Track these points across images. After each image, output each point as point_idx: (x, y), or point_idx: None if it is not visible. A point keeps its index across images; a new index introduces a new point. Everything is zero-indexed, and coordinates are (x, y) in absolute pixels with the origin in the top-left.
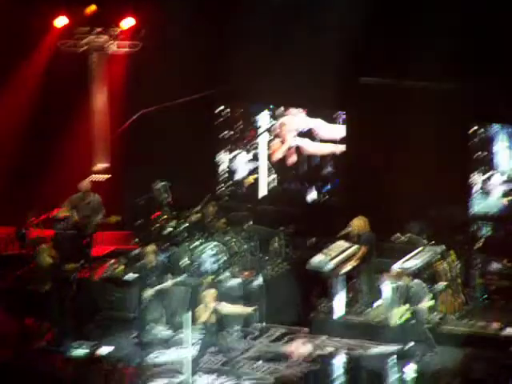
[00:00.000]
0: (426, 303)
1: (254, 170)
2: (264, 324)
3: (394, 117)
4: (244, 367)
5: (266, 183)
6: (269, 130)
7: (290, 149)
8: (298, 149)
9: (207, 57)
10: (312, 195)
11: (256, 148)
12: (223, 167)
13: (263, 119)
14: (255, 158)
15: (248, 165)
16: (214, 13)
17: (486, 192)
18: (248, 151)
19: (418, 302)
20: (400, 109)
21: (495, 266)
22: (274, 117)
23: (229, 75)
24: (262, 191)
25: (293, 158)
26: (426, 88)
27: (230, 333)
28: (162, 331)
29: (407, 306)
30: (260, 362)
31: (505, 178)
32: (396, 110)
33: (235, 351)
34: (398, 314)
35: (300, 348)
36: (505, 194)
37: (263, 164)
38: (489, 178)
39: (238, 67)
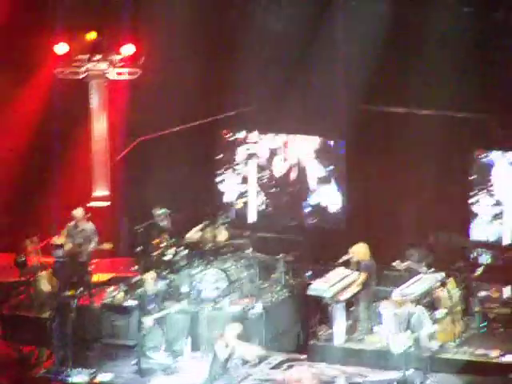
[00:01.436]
0: (428, 330)
1: (243, 194)
2: (264, 351)
3: (394, 144)
4: None
5: (255, 207)
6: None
7: (291, 167)
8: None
9: (207, 84)
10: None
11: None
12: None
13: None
14: (244, 181)
15: (238, 187)
16: (214, 40)
17: (486, 219)
18: (238, 174)
19: (420, 328)
20: (400, 135)
21: (494, 293)
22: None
23: (229, 103)
24: (252, 216)
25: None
26: (427, 115)
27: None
28: (161, 358)
29: (409, 332)
30: None
31: (505, 205)
32: (396, 137)
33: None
34: (400, 342)
35: (299, 375)
36: (504, 222)
37: (252, 188)
38: (489, 205)
39: (240, 96)
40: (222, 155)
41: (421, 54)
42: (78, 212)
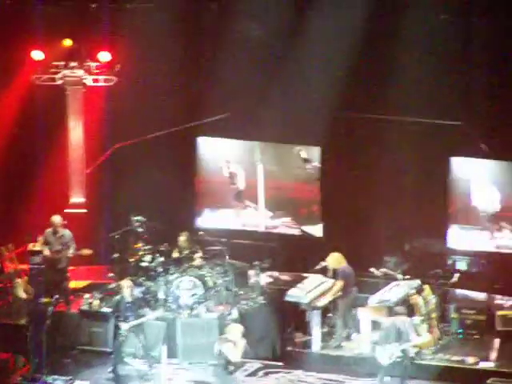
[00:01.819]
0: (416, 341)
1: None
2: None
3: (370, 150)
4: None
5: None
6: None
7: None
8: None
9: (183, 90)
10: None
11: None
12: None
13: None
14: None
15: None
16: (190, 47)
17: (463, 227)
18: None
19: (407, 339)
20: (377, 142)
21: (470, 300)
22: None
23: (206, 110)
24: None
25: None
26: (405, 122)
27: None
28: (138, 365)
29: (397, 344)
30: None
31: (483, 213)
32: (372, 144)
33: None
34: (389, 353)
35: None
36: (481, 230)
37: None
38: (466, 213)
39: (216, 102)
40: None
41: (398, 61)
42: (57, 218)
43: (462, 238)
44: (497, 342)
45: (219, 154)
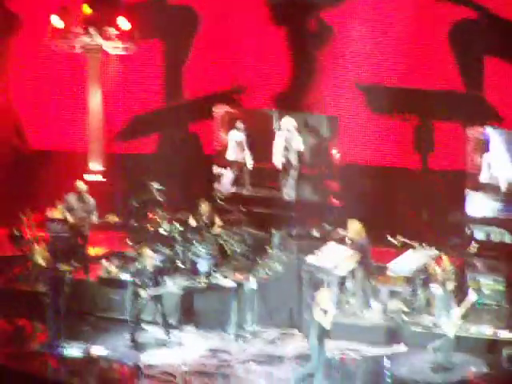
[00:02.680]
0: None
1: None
2: (257, 326)
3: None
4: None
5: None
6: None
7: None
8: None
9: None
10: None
11: None
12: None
13: None
14: None
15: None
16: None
17: (481, 195)
18: None
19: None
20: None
21: (489, 270)
22: None
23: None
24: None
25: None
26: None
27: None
28: (156, 332)
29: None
30: (253, 364)
31: (501, 181)
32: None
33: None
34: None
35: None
36: (500, 198)
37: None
38: (485, 181)
39: None
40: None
41: None
42: (82, 185)
43: (481, 206)
44: None
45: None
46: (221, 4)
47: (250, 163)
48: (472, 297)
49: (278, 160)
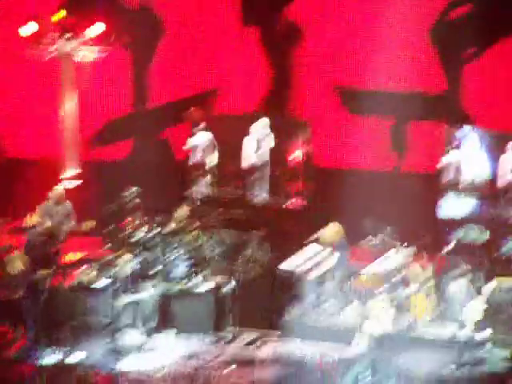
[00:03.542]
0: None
1: None
2: (237, 328)
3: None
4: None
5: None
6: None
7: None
8: None
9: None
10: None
11: None
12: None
13: None
14: None
15: None
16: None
17: (457, 194)
18: None
19: None
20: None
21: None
22: None
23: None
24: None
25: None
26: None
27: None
28: (134, 337)
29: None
30: (233, 366)
31: (476, 179)
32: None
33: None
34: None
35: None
36: (475, 196)
37: None
38: (459, 180)
39: None
40: None
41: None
42: (60, 190)
43: (456, 206)
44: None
45: None
46: (187, 8)
47: (214, 163)
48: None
49: (248, 163)
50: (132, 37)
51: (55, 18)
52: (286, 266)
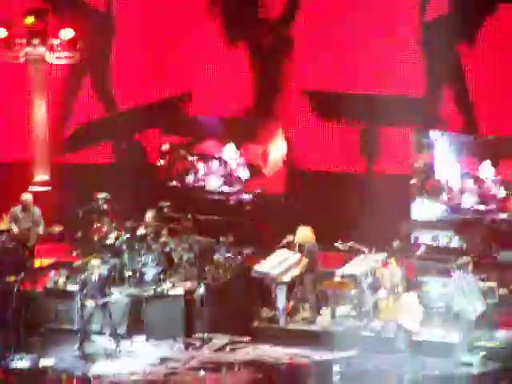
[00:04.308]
0: None
1: None
2: (206, 334)
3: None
4: (187, 378)
5: None
6: None
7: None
8: None
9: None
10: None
11: None
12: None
13: None
14: None
15: None
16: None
17: (427, 198)
18: None
19: None
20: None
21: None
22: None
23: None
24: None
25: None
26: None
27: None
28: (104, 343)
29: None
30: (202, 372)
31: (445, 184)
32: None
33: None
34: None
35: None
36: (444, 200)
37: None
38: (429, 184)
39: None
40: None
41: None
42: (28, 196)
43: (427, 210)
44: None
45: None
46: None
47: None
48: None
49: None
50: (99, 42)
51: (25, 22)
52: (258, 268)
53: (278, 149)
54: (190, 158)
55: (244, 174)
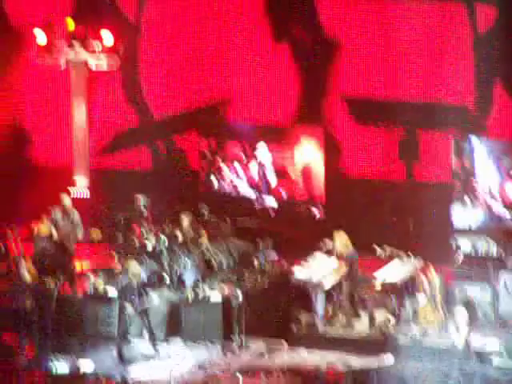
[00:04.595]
0: None
1: None
2: (244, 339)
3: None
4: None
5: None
6: None
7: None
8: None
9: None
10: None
11: None
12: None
13: None
14: None
15: None
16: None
17: (467, 205)
18: None
19: None
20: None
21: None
22: None
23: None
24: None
25: None
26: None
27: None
28: (143, 346)
29: None
30: (240, 376)
31: (486, 191)
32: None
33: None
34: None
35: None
36: (486, 208)
37: None
38: (471, 191)
39: None
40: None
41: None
42: (67, 199)
43: (466, 217)
44: None
45: None
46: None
47: None
48: None
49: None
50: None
51: (66, 26)
52: (296, 275)
53: (314, 155)
54: (224, 163)
55: (274, 179)
